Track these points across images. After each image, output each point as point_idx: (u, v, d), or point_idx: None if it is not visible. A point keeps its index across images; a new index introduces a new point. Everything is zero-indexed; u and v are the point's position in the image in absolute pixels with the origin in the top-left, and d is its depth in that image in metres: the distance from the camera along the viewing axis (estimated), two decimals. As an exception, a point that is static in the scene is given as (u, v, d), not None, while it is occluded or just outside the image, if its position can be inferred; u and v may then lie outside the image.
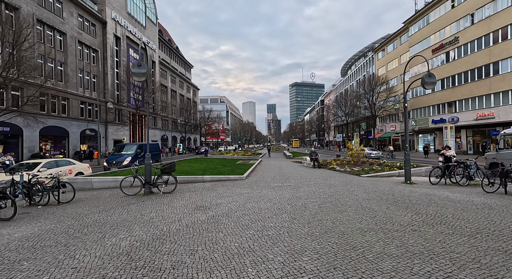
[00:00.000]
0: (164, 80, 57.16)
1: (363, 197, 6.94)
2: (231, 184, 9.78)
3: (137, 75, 7.15)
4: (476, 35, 29.62)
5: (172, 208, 6.22)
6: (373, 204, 6.10)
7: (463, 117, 31.27)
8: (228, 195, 7.73)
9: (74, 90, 30.90)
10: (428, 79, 8.27)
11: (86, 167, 12.75)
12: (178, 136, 60.67)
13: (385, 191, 7.90)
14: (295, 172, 13.67)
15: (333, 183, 9.73)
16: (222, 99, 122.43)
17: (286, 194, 7.57)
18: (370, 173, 11.92)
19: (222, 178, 10.87)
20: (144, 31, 48.00)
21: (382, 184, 9.37)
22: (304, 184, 9.58)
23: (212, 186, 9.53)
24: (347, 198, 6.84)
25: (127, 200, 7.30)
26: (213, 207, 6.21)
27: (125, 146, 17.73)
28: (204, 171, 12.86)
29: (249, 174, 12.27)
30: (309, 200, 6.71)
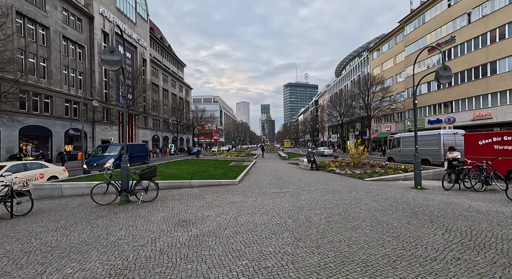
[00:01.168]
0: (156, 79, 55.59)
1: (374, 207, 5.96)
2: (222, 190, 8.70)
3: (109, 64, 6.02)
4: (473, 34, 29.22)
5: (149, 222, 5.11)
6: (389, 217, 5.12)
7: (459, 117, 30.85)
8: (218, 204, 6.66)
9: (58, 87, 29.28)
10: (443, 72, 7.37)
11: (61, 170, 11.48)
12: (170, 136, 59.14)
13: (397, 198, 6.95)
14: (292, 175, 12.66)
15: (336, 188, 8.74)
16: (215, 99, 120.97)
17: (285, 203, 6.53)
18: (374, 177, 11.00)
19: (212, 183, 9.78)
20: (135, 27, 46.44)
21: (391, 189, 8.43)
22: (304, 189, 8.57)
23: (200, 192, 8.43)
24: (356, 209, 5.85)
25: (97, 212, 6.15)
26: (198, 221, 5.14)
27: (109, 146, 16.45)
28: (193, 175, 11.74)
29: (242, 178, 11.21)
30: (313, 211, 5.69)
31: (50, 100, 28.50)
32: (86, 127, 33.62)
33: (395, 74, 45.06)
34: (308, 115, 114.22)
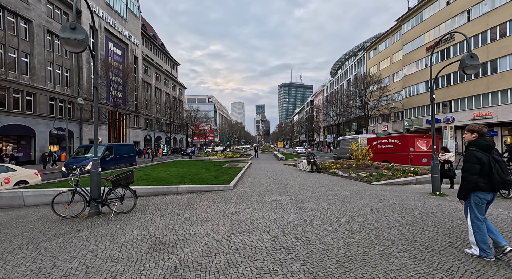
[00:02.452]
0: (148, 77, 54.04)
1: (398, 221, 4.89)
2: (213, 198, 7.55)
3: (70, 44, 4.81)
4: (472, 32, 28.62)
5: (116, 246, 3.94)
6: (422, 236, 4.05)
7: (459, 117, 30.26)
8: (208, 217, 5.51)
9: (42, 84, 27.69)
10: (470, 61, 6.37)
11: (32, 174, 10.16)
12: (163, 137, 57.60)
13: (419, 208, 5.91)
14: (292, 179, 11.56)
15: (344, 195, 7.67)
16: (210, 99, 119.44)
17: (289, 216, 5.42)
18: (382, 180, 9.98)
19: (203, 189, 8.61)
20: (125, 24, 44.88)
21: (407, 196, 7.40)
22: (308, 197, 7.48)
23: (188, 200, 7.26)
24: (377, 223, 4.78)
25: (56, 229, 4.94)
26: (180, 243, 3.99)
27: (91, 147, 15.10)
28: (183, 178, 10.55)
29: (237, 182, 10.07)
30: (325, 227, 4.59)
31: (33, 97, 26.90)
32: (72, 126, 32.04)
33: (392, 74, 44.46)
34: (304, 115, 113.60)
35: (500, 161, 3.24)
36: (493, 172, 3.13)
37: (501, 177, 3.13)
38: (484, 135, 3.38)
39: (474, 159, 3.22)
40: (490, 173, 3.16)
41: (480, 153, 3.24)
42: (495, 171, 3.13)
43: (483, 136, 3.38)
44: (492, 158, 3.21)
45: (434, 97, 7.61)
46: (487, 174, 3.17)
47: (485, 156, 3.21)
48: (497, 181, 3.12)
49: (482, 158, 3.19)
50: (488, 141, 3.31)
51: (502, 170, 3.18)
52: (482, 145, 3.29)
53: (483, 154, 3.23)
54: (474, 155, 3.24)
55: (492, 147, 3.30)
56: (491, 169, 3.15)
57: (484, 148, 3.27)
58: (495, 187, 3.15)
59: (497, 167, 3.15)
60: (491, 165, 3.16)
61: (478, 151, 3.27)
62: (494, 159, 3.20)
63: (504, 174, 3.18)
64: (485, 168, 3.17)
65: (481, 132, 3.38)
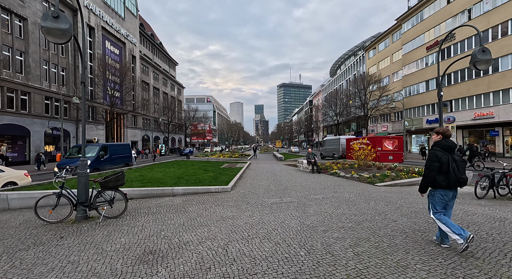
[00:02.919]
0: (146, 77, 53.56)
1: (409, 226, 4.53)
2: (210, 200, 7.16)
3: (53, 34, 4.42)
4: (473, 31, 28.34)
5: (100, 256, 3.55)
6: (439, 245, 3.69)
7: (459, 117, 30.00)
8: (203, 222, 5.13)
9: (37, 83, 27.22)
10: (481, 55, 6.02)
11: (22, 175, 9.74)
12: (161, 137, 57.11)
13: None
14: (292, 180, 11.19)
15: (348, 197, 7.30)
16: (209, 99, 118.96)
17: (291, 221, 5.04)
18: (386, 181, 9.62)
19: (199, 190, 8.22)
20: (123, 22, 44.41)
21: (413, 198, 7.04)
22: (310, 199, 7.10)
23: (183, 203, 6.87)
24: (386, 229, 4.41)
25: (37, 235, 4.54)
26: (172, 253, 3.61)
27: (86, 147, 14.68)
28: (179, 179, 10.16)
29: (235, 183, 9.68)
30: (331, 234, 4.21)
31: (28, 96, 26.42)
32: (69, 126, 31.59)
33: (391, 73, 44.19)
34: (303, 115, 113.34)
35: (458, 161, 3.49)
36: (450, 170, 3.41)
37: (456, 175, 3.41)
38: (448, 137, 3.66)
39: (434, 158, 3.51)
40: (447, 171, 3.43)
41: (441, 153, 3.51)
42: (451, 170, 3.40)
43: (447, 137, 3.65)
44: (451, 157, 3.47)
45: (442, 95, 7.27)
46: (446, 172, 3.44)
47: (445, 156, 3.48)
48: (452, 178, 3.40)
49: (442, 157, 3.47)
50: (450, 142, 3.57)
51: (458, 168, 3.44)
52: (444, 145, 3.56)
53: (444, 153, 3.50)
54: (435, 154, 3.52)
55: (453, 148, 3.55)
56: (449, 168, 3.42)
57: (445, 149, 3.54)
58: (451, 184, 3.42)
59: (454, 166, 3.42)
60: (449, 164, 3.43)
61: (440, 151, 3.54)
62: (453, 158, 3.47)
63: (460, 172, 3.44)
64: (444, 166, 3.44)
65: (445, 134, 3.64)
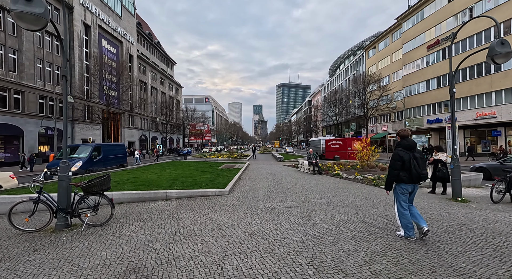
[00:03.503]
0: (143, 76, 52.96)
1: (427, 237, 4.03)
2: (206, 205, 6.65)
3: (25, 19, 3.91)
4: (475, 30, 27.97)
5: (74, 276, 3.03)
6: (468, 261, 3.19)
7: (461, 116, 29.61)
8: (197, 230, 4.61)
9: (31, 82, 26.59)
10: (500, 48, 5.54)
11: (7, 177, 9.19)
12: (159, 137, 56.49)
13: (445, 218, 5.06)
14: (293, 182, 10.68)
15: (354, 201, 6.80)
16: (207, 99, 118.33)
17: (294, 230, 4.53)
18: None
19: (194, 194, 7.69)
20: (120, 21, 43.80)
21: (425, 202, 6.55)
22: (314, 203, 6.60)
23: (177, 208, 6.35)
24: (403, 240, 3.91)
25: (8, 247, 4.01)
26: (159, 271, 3.09)
27: (79, 147, 14.15)
28: (174, 181, 9.63)
29: (233, 186, 9.16)
30: (341, 247, 3.71)
31: (22, 96, 25.80)
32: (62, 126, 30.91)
33: (391, 73, 43.81)
34: (302, 115, 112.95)
35: (418, 158, 3.82)
36: (411, 167, 3.73)
37: (417, 171, 3.77)
38: (406, 137, 4.01)
39: (397, 157, 3.82)
40: (409, 168, 3.76)
41: (402, 152, 3.84)
42: (412, 167, 3.73)
43: (406, 137, 4.00)
44: (412, 155, 3.80)
45: (455, 91, 6.81)
46: (408, 169, 3.77)
47: (406, 154, 3.81)
48: (414, 174, 3.75)
49: (403, 156, 3.80)
50: (410, 142, 3.91)
51: (418, 165, 3.79)
52: (404, 145, 3.90)
53: (405, 152, 3.83)
54: (398, 154, 3.85)
55: (413, 146, 3.89)
56: (411, 165, 3.74)
57: (406, 147, 3.88)
58: (413, 179, 3.77)
59: (414, 163, 3.76)
60: (411, 161, 3.76)
61: (402, 150, 3.87)
62: (413, 156, 3.80)
63: (420, 168, 3.79)
64: (406, 164, 3.78)
65: (404, 135, 4.03)
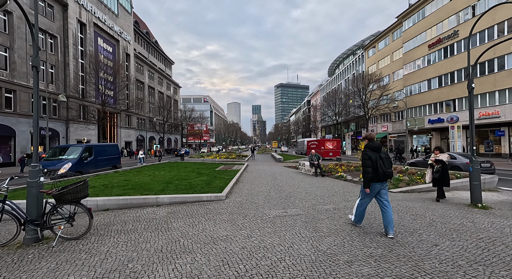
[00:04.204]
0: (141, 75, 52.21)
1: (458, 254, 3.42)
2: (200, 212, 6.01)
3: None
4: (478, 28, 27.46)
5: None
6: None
7: (463, 116, 29.10)
8: (188, 246, 3.97)
9: (24, 81, 25.84)
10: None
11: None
12: (157, 137, 55.74)
13: (471, 229, 4.45)
14: (295, 184, 10.05)
15: (364, 207, 6.18)
16: (206, 99, 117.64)
17: (301, 245, 3.90)
18: (400, 187, 8.52)
19: (188, 199, 7.04)
20: (117, 19, 43.06)
21: (442, 209, 5.94)
22: (319, 210, 5.97)
23: (167, 216, 5.71)
24: (430, 259, 3.29)
25: (-39, 269, 3.36)
26: (134, 305, 2.45)
27: (69, 148, 13.45)
28: (167, 185, 8.98)
29: (231, 190, 8.51)
30: (359, 267, 3.08)
31: (13, 94, 25.05)
32: (58, 126, 30.23)
33: (392, 72, 43.31)
34: (301, 115, 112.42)
35: (384, 158, 4.11)
36: (378, 167, 4.01)
37: (383, 170, 4.02)
38: (371, 139, 4.36)
39: (366, 157, 4.12)
40: (376, 168, 4.03)
41: (370, 152, 4.13)
42: (379, 166, 4.01)
43: (371, 140, 4.35)
44: (378, 156, 4.08)
45: (474, 87, 6.18)
46: (375, 168, 4.04)
47: (373, 155, 4.09)
48: (380, 173, 4.01)
49: (371, 156, 4.08)
50: (375, 144, 4.22)
51: (384, 165, 4.06)
52: (371, 147, 4.21)
53: (372, 153, 4.12)
54: (366, 154, 4.13)
55: (378, 148, 4.17)
56: (377, 164, 4.02)
57: (372, 149, 4.18)
58: (380, 178, 4.03)
59: (380, 163, 4.03)
60: (377, 161, 4.04)
61: (369, 151, 4.16)
62: (379, 156, 4.08)
63: (386, 168, 4.05)
64: (373, 163, 4.06)
65: (370, 138, 4.41)
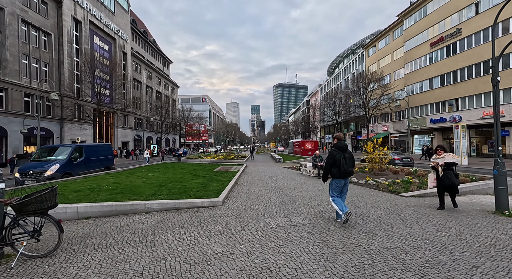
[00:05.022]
0: (138, 75, 51.44)
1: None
2: (193, 221, 5.33)
3: None
4: (482, 26, 26.94)
5: None
6: None
7: (466, 116, 28.56)
8: (175, 265, 3.30)
9: (16, 79, 25.09)
10: None
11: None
12: (154, 137, 54.95)
13: (509, 244, 3.80)
14: (297, 187, 9.39)
15: (376, 215, 5.52)
16: (204, 99, 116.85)
17: (311, 266, 3.24)
18: (412, 190, 7.87)
19: (181, 205, 6.35)
20: (113, 17, 42.30)
21: (466, 218, 5.28)
22: (328, 219, 5.31)
23: (156, 225, 5.03)
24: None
25: None
26: None
27: (58, 148, 12.73)
28: (160, 188, 8.29)
29: (228, 194, 7.83)
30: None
31: (5, 93, 24.32)
32: (52, 125, 29.49)
33: (392, 71, 42.76)
34: (300, 115, 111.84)
35: (347, 158, 4.88)
36: (341, 165, 4.80)
37: (344, 168, 4.82)
38: (340, 139, 5.14)
39: (331, 156, 4.92)
40: (339, 166, 4.82)
41: (335, 152, 4.93)
42: (341, 164, 4.80)
43: (340, 140, 5.13)
44: (343, 155, 4.86)
45: (499, 80, 5.53)
46: (338, 166, 4.83)
47: (338, 154, 4.88)
48: (342, 171, 4.81)
49: (336, 155, 4.88)
50: (342, 144, 5.03)
51: (346, 163, 4.84)
52: (338, 146, 5.01)
53: (338, 152, 4.92)
54: (332, 153, 4.94)
55: (345, 148, 4.99)
56: (341, 163, 4.81)
57: (339, 149, 4.97)
58: (342, 175, 4.85)
59: (343, 162, 4.81)
60: (341, 160, 4.82)
61: (335, 150, 4.95)
62: (344, 156, 4.86)
63: (347, 166, 4.83)
64: (337, 162, 4.84)
65: (339, 138, 5.19)
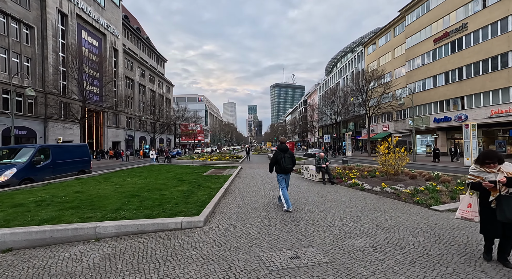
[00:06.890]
0: (130, 72, 49.54)
1: None
2: (158, 255, 3.66)
3: None
4: (490, 20, 25.59)
5: None
6: None
7: (473, 114, 27.20)
8: None
9: (-8, 74, 23.16)
10: None
11: None
12: (148, 137, 53.01)
13: None
14: (301, 197, 7.74)
15: (417, 243, 3.90)
16: (200, 98, 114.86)
17: None
18: (446, 202, 6.27)
19: (146, 228, 4.66)
20: (103, 12, 40.39)
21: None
22: (350, 251, 3.68)
23: (99, 267, 3.36)
24: None
25: None
26: None
27: (21, 149, 10.96)
28: (130, 199, 6.60)
29: (215, 208, 6.16)
30: None
31: (-21, 89, 22.38)
32: (35, 124, 27.58)
33: (393, 69, 41.39)
34: (297, 115, 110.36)
35: (287, 157, 6.26)
36: (281, 163, 6.22)
37: (283, 165, 6.22)
38: (283, 142, 6.55)
39: (274, 156, 6.35)
40: (280, 163, 6.24)
41: (278, 153, 6.32)
42: (281, 162, 6.21)
43: (282, 143, 6.52)
44: (284, 155, 6.25)
45: None
46: (279, 164, 6.24)
47: (280, 154, 6.26)
48: (282, 167, 6.23)
49: (278, 155, 6.28)
50: (283, 146, 6.38)
51: (285, 161, 6.23)
52: (280, 148, 6.38)
53: (279, 153, 6.29)
54: (275, 154, 6.37)
55: (285, 150, 6.32)
56: (281, 161, 6.22)
57: (281, 150, 6.33)
58: (282, 170, 6.29)
59: (283, 160, 6.21)
60: (281, 159, 6.23)
61: (278, 151, 6.33)
62: (284, 156, 6.24)
63: (285, 164, 6.23)
64: (278, 160, 6.25)
65: (282, 141, 6.60)
